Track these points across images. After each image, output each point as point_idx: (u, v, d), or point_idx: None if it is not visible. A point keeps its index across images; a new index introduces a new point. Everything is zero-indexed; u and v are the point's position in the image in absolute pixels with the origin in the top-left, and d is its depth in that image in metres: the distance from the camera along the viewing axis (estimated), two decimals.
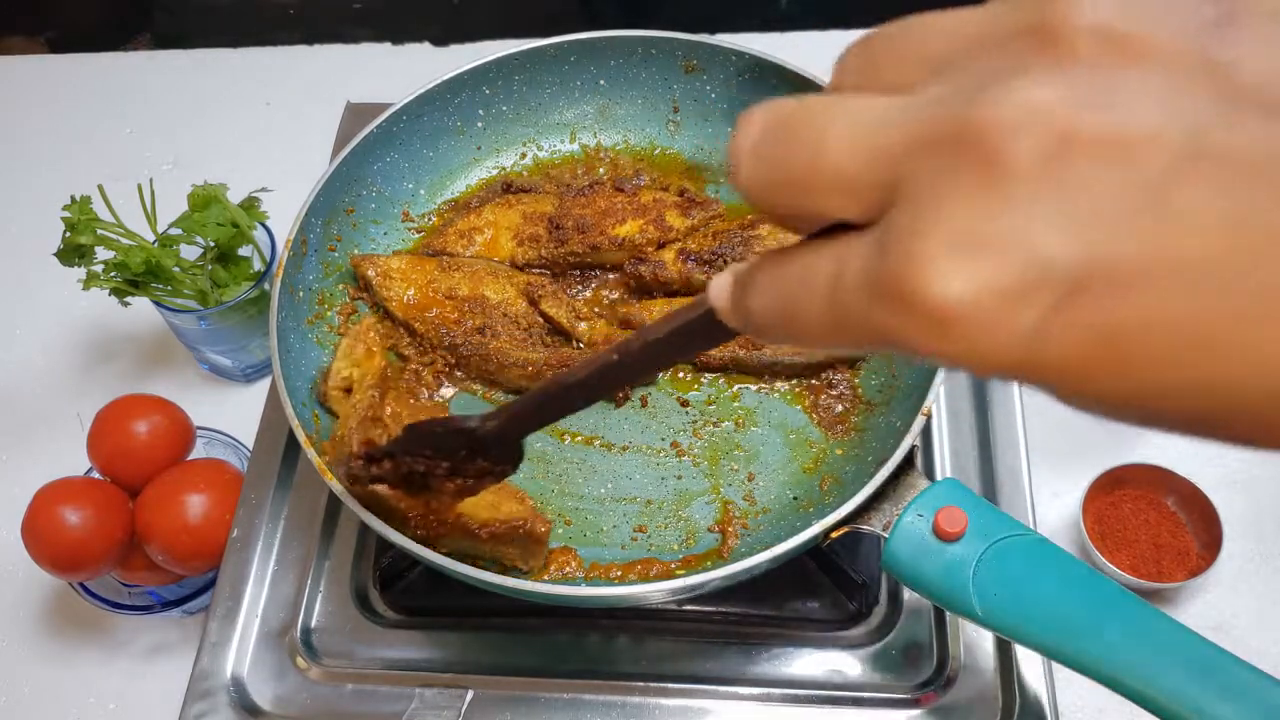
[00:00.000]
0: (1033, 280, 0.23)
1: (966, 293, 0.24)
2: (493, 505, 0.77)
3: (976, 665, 0.79)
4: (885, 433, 0.82)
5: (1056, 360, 0.24)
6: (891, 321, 0.25)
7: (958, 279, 0.24)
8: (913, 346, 0.26)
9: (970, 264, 0.24)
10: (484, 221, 0.97)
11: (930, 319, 0.24)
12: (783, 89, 0.97)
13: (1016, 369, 0.25)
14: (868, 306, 0.26)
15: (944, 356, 0.25)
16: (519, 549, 0.77)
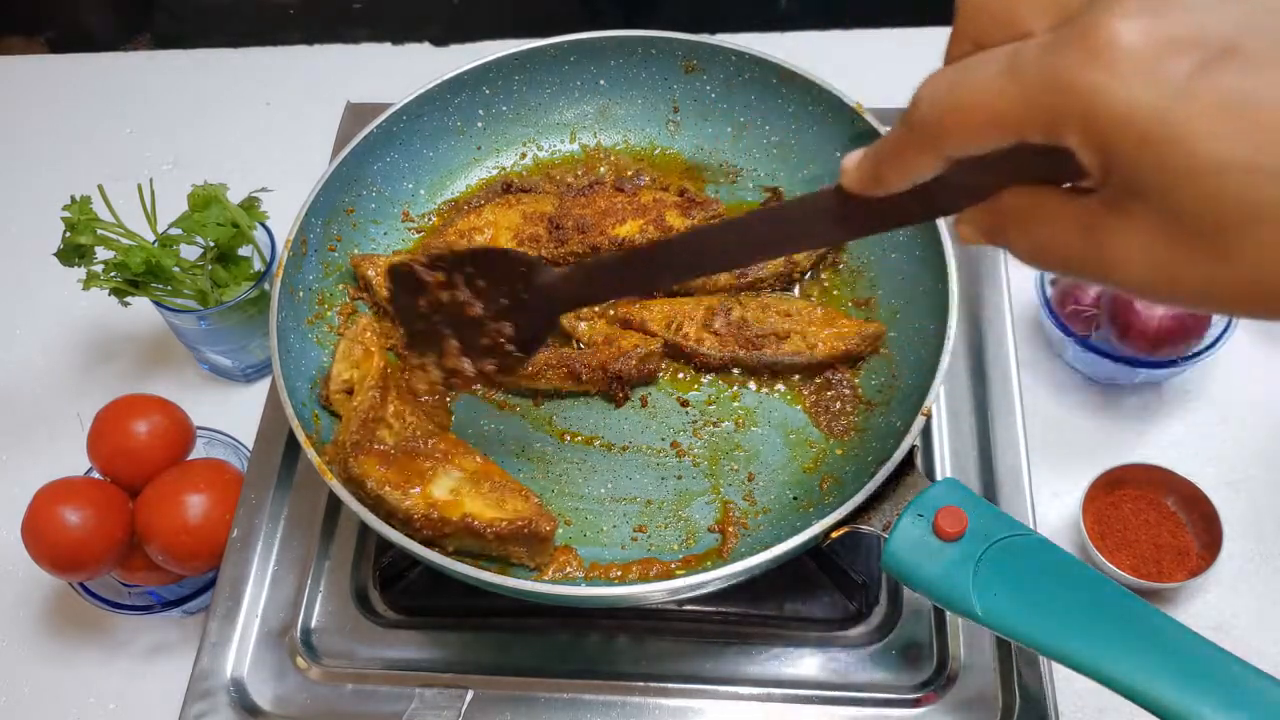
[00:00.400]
0: (1192, 40, 0.30)
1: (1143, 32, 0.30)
2: (498, 503, 0.77)
3: (976, 665, 0.79)
4: (885, 433, 0.82)
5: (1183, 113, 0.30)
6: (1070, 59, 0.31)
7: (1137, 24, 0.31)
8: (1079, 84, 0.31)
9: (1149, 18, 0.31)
10: (484, 221, 0.97)
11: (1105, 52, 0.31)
12: (783, 89, 0.97)
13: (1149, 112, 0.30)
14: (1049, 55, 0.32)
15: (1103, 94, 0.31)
16: (525, 547, 0.78)
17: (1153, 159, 0.31)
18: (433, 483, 0.78)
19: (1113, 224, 0.34)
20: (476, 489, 0.78)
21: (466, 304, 0.69)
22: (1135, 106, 0.30)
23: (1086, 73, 0.31)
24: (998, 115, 0.34)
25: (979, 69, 0.35)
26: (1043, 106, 0.33)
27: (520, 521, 0.76)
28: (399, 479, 0.77)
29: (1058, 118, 0.32)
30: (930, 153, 0.37)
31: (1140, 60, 0.30)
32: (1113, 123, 0.31)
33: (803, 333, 0.87)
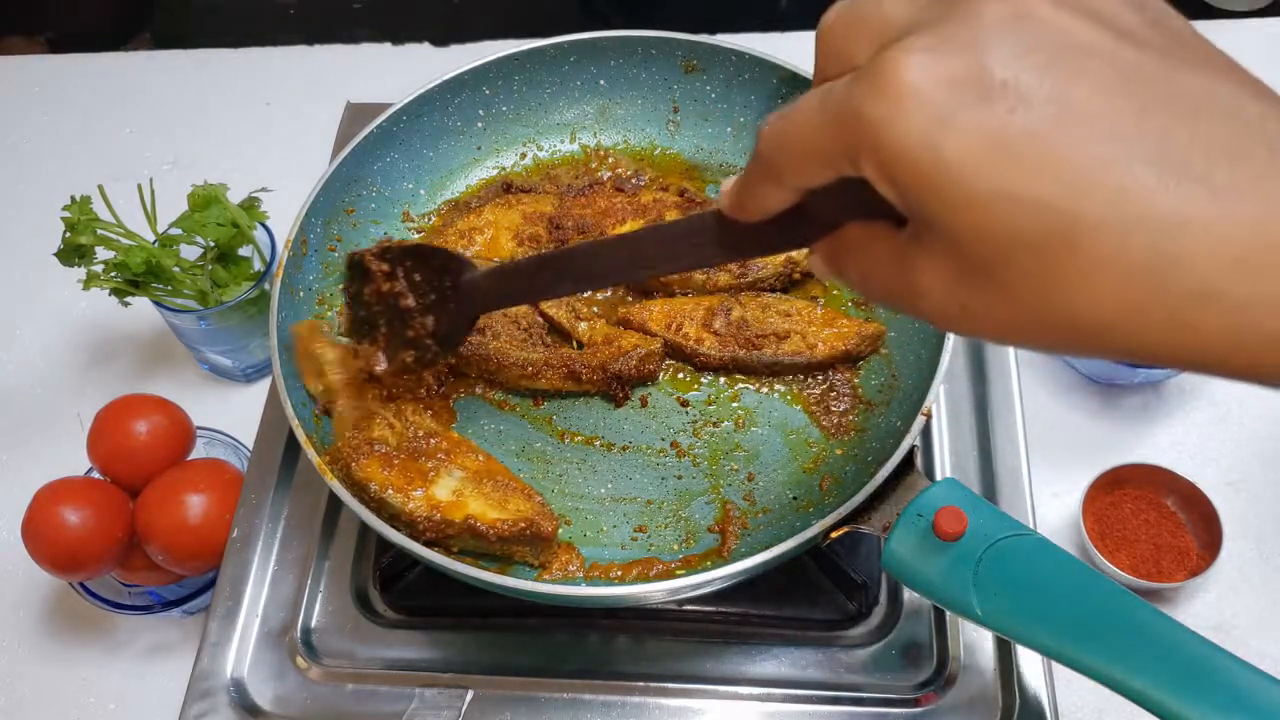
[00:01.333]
0: (968, 75, 0.32)
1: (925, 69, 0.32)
2: (501, 503, 0.77)
3: (976, 665, 0.79)
4: (885, 433, 0.82)
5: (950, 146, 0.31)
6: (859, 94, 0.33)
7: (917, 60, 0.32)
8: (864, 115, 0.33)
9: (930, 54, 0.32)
10: (484, 222, 0.97)
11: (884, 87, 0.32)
12: (783, 89, 0.97)
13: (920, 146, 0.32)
14: (845, 90, 0.34)
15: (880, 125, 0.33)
16: (529, 546, 0.78)
17: (929, 192, 0.33)
18: (435, 484, 0.78)
19: (915, 256, 0.36)
20: (479, 489, 0.78)
21: (400, 294, 0.75)
22: (911, 140, 0.32)
23: (872, 107, 0.33)
24: (812, 149, 0.36)
25: (801, 105, 0.37)
26: (842, 141, 0.34)
27: (523, 523, 0.76)
28: (401, 482, 0.77)
29: (854, 151, 0.34)
30: (773, 184, 0.40)
31: (919, 96, 0.32)
32: (894, 156, 0.33)
33: (803, 333, 0.87)
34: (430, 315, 0.74)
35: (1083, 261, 0.31)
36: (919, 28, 0.34)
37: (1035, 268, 0.32)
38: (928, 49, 0.33)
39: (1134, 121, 0.31)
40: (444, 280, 0.73)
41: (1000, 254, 0.32)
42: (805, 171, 0.37)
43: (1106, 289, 0.31)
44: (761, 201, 0.41)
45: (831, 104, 0.35)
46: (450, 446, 0.81)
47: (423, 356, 0.76)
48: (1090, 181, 0.30)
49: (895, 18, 0.36)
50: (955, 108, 0.31)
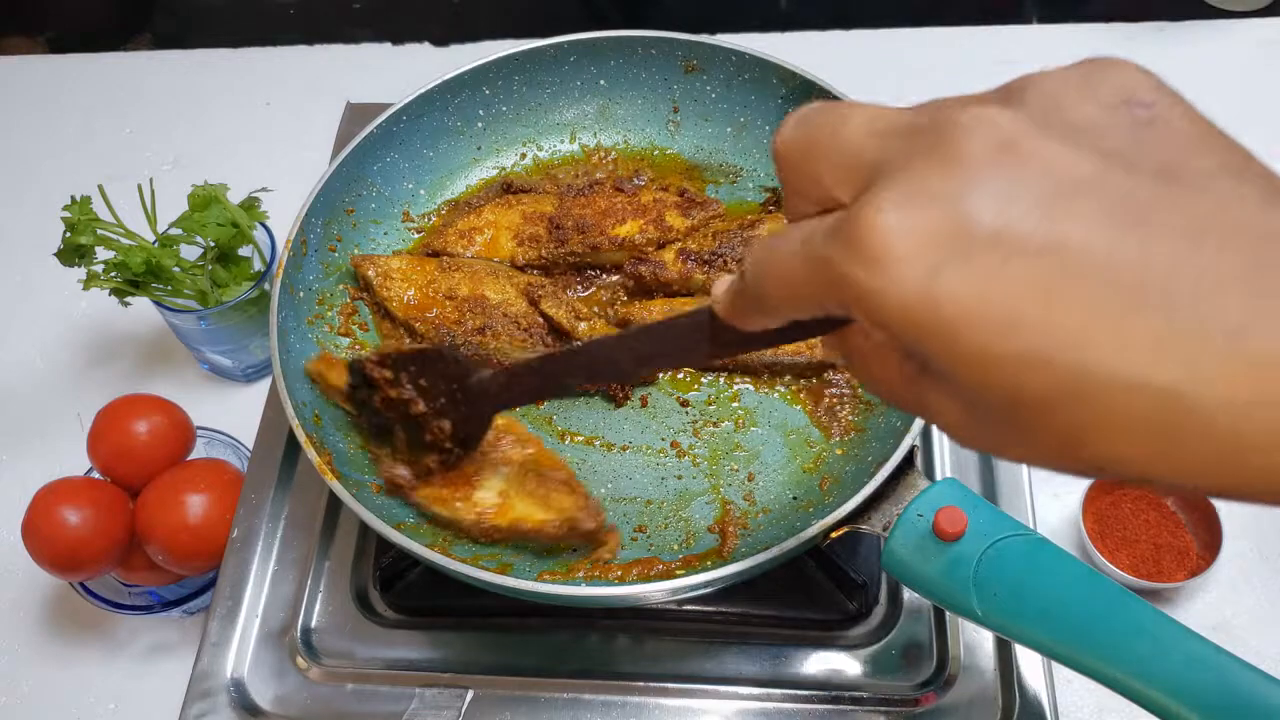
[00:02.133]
0: (952, 230, 0.29)
1: (899, 228, 0.30)
2: (544, 501, 0.78)
3: (976, 665, 0.79)
4: (885, 433, 0.82)
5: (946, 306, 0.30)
6: (838, 255, 0.32)
7: (896, 218, 0.30)
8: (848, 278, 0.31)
9: (909, 210, 0.30)
10: (484, 222, 0.97)
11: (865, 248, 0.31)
12: (783, 89, 0.97)
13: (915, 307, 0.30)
14: (824, 245, 0.32)
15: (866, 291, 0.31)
16: (577, 540, 0.78)
17: (927, 348, 0.31)
18: (480, 487, 0.78)
19: (925, 385, 0.35)
20: (522, 487, 0.78)
21: (411, 401, 0.75)
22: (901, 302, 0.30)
23: (854, 269, 0.31)
24: (796, 295, 0.35)
25: (782, 246, 0.35)
26: (829, 293, 0.33)
27: (567, 524, 0.77)
28: (447, 492, 0.78)
29: (843, 304, 0.33)
30: (762, 314, 0.39)
31: (899, 256, 0.30)
32: (884, 316, 0.31)
33: None
34: (445, 419, 0.74)
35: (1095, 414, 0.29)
36: (891, 170, 0.32)
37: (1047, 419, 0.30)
38: (902, 202, 0.30)
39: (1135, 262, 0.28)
40: (450, 384, 0.73)
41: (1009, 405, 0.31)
42: (793, 309, 0.36)
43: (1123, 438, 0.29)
44: (755, 322, 0.40)
45: (813, 257, 0.33)
46: (495, 437, 0.81)
47: (446, 460, 0.76)
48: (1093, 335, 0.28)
49: (859, 150, 0.34)
50: (943, 266, 0.29)
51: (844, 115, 0.35)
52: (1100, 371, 0.29)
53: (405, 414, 0.75)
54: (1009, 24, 1.39)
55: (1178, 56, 1.32)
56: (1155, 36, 1.35)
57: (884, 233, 0.30)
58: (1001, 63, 1.32)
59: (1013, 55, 1.33)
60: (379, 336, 0.93)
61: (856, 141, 0.34)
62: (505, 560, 0.79)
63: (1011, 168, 0.30)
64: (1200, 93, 0.35)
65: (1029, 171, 0.30)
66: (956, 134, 0.31)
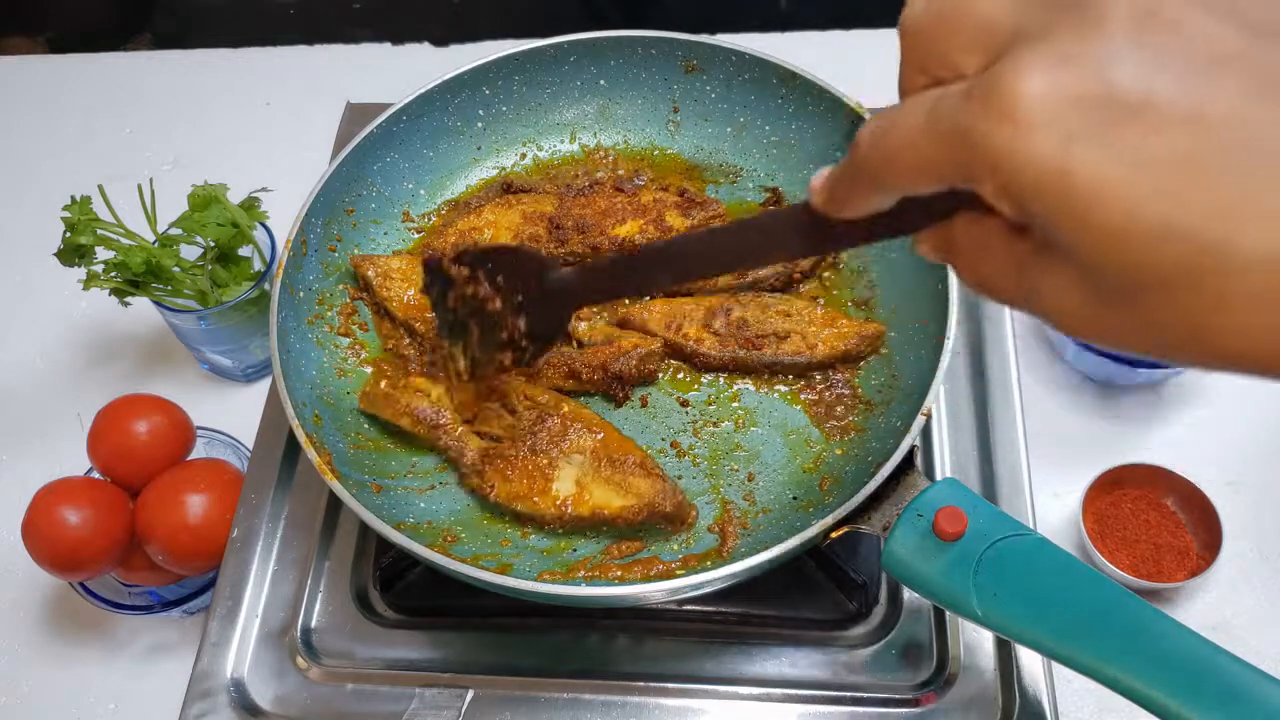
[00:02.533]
0: (1098, 96, 0.29)
1: (1044, 90, 0.30)
2: (621, 486, 0.78)
3: (976, 665, 0.79)
4: (885, 433, 0.82)
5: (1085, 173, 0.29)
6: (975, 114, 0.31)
7: (1041, 79, 0.30)
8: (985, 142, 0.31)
9: (1055, 72, 0.30)
10: (484, 222, 0.97)
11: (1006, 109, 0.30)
12: (783, 89, 0.97)
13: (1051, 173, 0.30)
14: (959, 107, 0.32)
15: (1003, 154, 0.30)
16: (659, 522, 0.79)
17: (1057, 218, 0.30)
18: (556, 479, 0.79)
19: (1040, 268, 0.34)
20: (598, 474, 0.79)
21: (487, 298, 0.74)
22: (1037, 167, 0.30)
23: (992, 131, 0.31)
24: (921, 164, 0.34)
25: (907, 114, 0.35)
26: (956, 160, 0.32)
27: (645, 509, 0.77)
28: (525, 489, 0.79)
29: (970, 171, 0.32)
30: (874, 191, 0.38)
31: (1042, 118, 0.30)
32: (1017, 182, 0.31)
33: (803, 333, 0.87)
34: (521, 316, 0.73)
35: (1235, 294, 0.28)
36: (1031, 36, 0.31)
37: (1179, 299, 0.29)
38: (1049, 65, 0.30)
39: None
40: (528, 281, 0.72)
41: (1140, 284, 0.30)
42: (910, 183, 0.35)
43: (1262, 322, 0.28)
44: (863, 204, 0.39)
45: (943, 121, 0.33)
46: (563, 426, 0.81)
47: (521, 356, 0.75)
48: (1243, 209, 0.28)
49: (997, 20, 0.33)
50: (1086, 132, 0.29)
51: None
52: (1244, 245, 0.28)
53: (480, 311, 0.75)
54: None
55: None
56: None
57: (1028, 96, 0.30)
58: None
59: None
60: (379, 336, 0.93)
61: (992, 10, 0.33)
62: (505, 560, 0.79)
63: (1157, 35, 0.29)
64: None
65: (1175, 40, 0.29)
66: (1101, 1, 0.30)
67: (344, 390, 0.89)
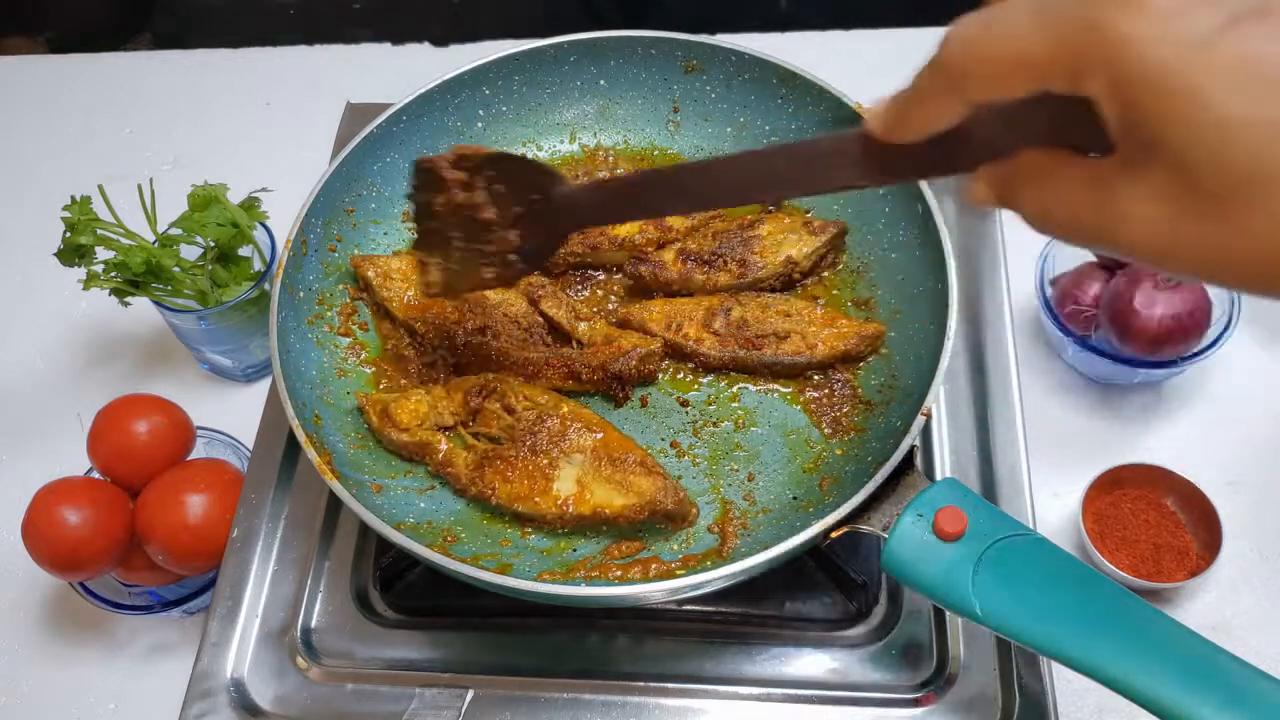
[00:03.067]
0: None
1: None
2: (623, 485, 0.78)
3: (976, 665, 0.79)
4: (885, 433, 0.82)
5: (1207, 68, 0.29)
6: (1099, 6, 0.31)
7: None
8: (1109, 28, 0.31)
9: None
10: None
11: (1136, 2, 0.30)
12: (783, 89, 0.97)
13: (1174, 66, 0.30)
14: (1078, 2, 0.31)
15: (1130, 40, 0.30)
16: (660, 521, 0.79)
17: (1171, 112, 0.31)
18: (557, 479, 0.79)
19: (1124, 183, 0.34)
20: (599, 473, 0.79)
21: (481, 206, 0.69)
22: (1160, 58, 0.30)
23: (1115, 20, 0.31)
24: (1024, 57, 0.34)
25: (1009, 10, 0.34)
26: (1069, 51, 0.32)
27: (647, 508, 0.77)
28: (526, 489, 0.79)
29: (1083, 64, 0.32)
30: (954, 95, 0.37)
31: (1169, 12, 0.30)
32: (1136, 72, 0.31)
33: (803, 333, 0.87)
34: (514, 229, 0.68)
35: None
36: None
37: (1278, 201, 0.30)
38: None
39: None
40: (530, 193, 0.67)
41: (1242, 184, 0.30)
42: (1004, 83, 0.35)
43: None
44: (932, 116, 0.39)
45: (1058, 11, 0.32)
46: (563, 426, 0.81)
47: (505, 273, 0.70)
48: None
49: None
50: (1210, 27, 0.30)
51: None
52: None
53: (470, 220, 0.69)
54: None
55: None
56: None
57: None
58: None
59: None
60: (379, 336, 0.93)
61: None
62: (505, 560, 0.79)
63: None
64: None
65: None
66: None
67: (344, 390, 0.89)
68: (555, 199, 0.66)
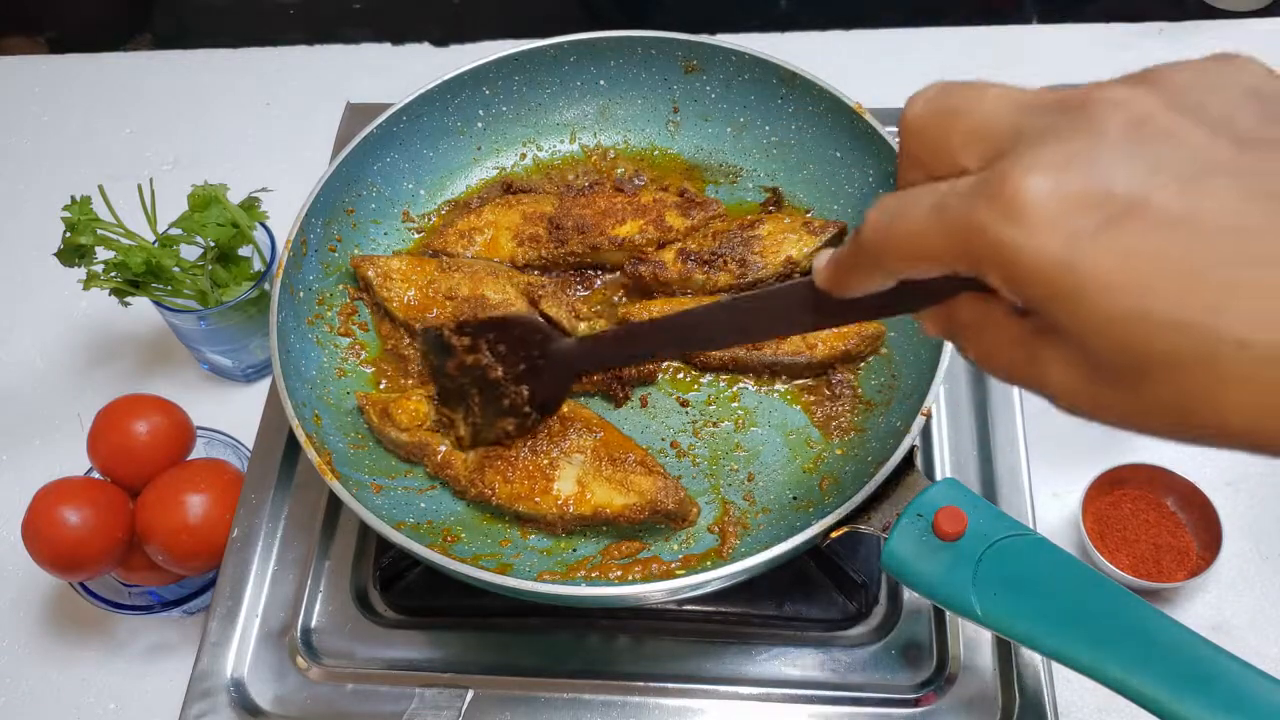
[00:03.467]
0: (1097, 197, 0.32)
1: (1048, 191, 0.32)
2: (623, 485, 0.78)
3: (976, 665, 0.79)
4: (885, 433, 0.82)
5: (1086, 268, 0.31)
6: (982, 210, 0.33)
7: (1045, 181, 0.32)
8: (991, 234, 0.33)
9: (1057, 174, 0.32)
10: (484, 222, 0.97)
11: (1013, 208, 0.32)
12: (783, 89, 0.97)
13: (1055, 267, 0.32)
14: (966, 203, 0.34)
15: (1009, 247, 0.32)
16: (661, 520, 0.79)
17: (1062, 308, 0.33)
18: (557, 479, 0.79)
19: (1042, 349, 0.37)
20: (599, 473, 0.79)
21: (489, 367, 0.76)
22: (1042, 261, 0.32)
23: (999, 226, 0.33)
24: (927, 251, 0.36)
25: (913, 205, 0.36)
26: (963, 250, 0.34)
27: (648, 507, 0.78)
28: (526, 489, 0.79)
29: (975, 261, 0.34)
30: (878, 272, 0.40)
31: (1047, 217, 0.32)
32: (1024, 275, 0.33)
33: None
34: (524, 384, 0.75)
35: (1223, 378, 0.31)
36: (1034, 139, 0.33)
37: (1173, 381, 0.32)
38: (1052, 167, 0.32)
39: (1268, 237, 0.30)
40: (531, 350, 0.73)
41: (1137, 367, 0.32)
42: (914, 268, 0.37)
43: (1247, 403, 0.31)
44: (865, 284, 0.41)
45: (950, 213, 0.35)
46: (563, 426, 0.82)
47: (523, 424, 0.77)
48: (1227, 303, 0.30)
49: (999, 121, 0.36)
50: (1087, 229, 0.31)
51: (980, 90, 0.37)
52: (1231, 337, 0.30)
53: (482, 379, 0.76)
54: (1009, 24, 1.39)
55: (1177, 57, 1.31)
56: (1155, 37, 1.35)
57: (1034, 193, 0.32)
58: (1001, 63, 1.32)
59: (1013, 55, 1.33)
60: (378, 336, 0.93)
61: (995, 113, 0.36)
62: (505, 560, 0.79)
63: (1152, 143, 0.32)
64: None
65: (1169, 148, 0.32)
66: (1101, 109, 0.33)
67: (344, 390, 0.89)
68: (552, 354, 0.72)
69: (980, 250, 0.34)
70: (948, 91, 0.38)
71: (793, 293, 0.48)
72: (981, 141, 0.36)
